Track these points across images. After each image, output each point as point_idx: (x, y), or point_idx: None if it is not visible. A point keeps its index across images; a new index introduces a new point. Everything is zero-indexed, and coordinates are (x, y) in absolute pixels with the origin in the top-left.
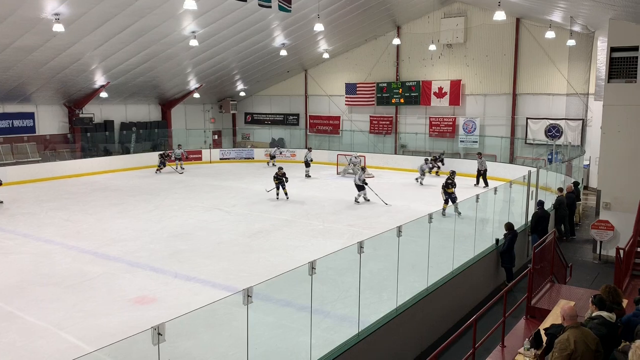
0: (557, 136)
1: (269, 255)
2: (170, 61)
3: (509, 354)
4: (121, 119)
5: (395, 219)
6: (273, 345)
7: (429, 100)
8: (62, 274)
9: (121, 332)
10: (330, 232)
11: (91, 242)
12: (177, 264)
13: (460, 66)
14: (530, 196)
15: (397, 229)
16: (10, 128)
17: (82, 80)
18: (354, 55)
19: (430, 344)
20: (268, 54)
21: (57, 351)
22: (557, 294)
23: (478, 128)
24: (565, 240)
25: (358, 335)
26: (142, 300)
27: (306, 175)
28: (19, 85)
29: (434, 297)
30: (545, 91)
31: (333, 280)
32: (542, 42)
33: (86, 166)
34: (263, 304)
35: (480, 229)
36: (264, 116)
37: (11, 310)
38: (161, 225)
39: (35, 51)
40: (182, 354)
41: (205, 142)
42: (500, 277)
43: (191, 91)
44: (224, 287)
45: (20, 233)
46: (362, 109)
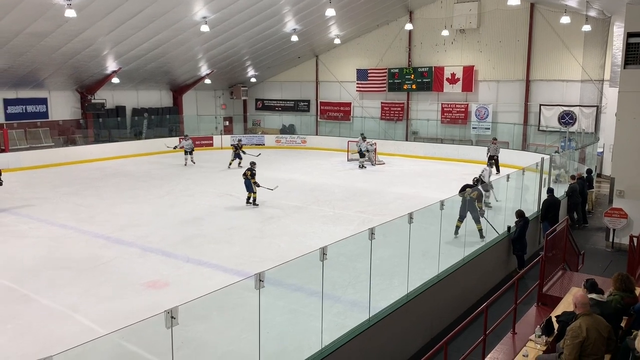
0: (571, 123)
1: (279, 241)
2: (181, 47)
3: (520, 341)
4: (133, 104)
5: (406, 206)
6: (284, 330)
7: (441, 87)
8: (76, 258)
9: (134, 315)
10: (341, 219)
11: (104, 227)
12: (189, 248)
13: (473, 52)
14: (542, 184)
15: (408, 215)
16: (24, 113)
17: (94, 66)
18: (366, 40)
19: (441, 330)
20: (279, 40)
21: (71, 334)
22: (569, 282)
23: (491, 115)
24: (578, 227)
25: (369, 321)
26: (154, 285)
27: (360, 166)
28: (32, 71)
29: (444, 284)
30: (559, 77)
31: (344, 266)
32: (556, 28)
33: (98, 151)
34: (274, 288)
35: (492, 216)
36: (275, 102)
37: (27, 293)
38: (173, 210)
39: (47, 37)
40: (194, 337)
41: (217, 128)
42: (512, 265)
43: (202, 77)
44: (236, 272)
45: (35, 217)
46: (374, 95)
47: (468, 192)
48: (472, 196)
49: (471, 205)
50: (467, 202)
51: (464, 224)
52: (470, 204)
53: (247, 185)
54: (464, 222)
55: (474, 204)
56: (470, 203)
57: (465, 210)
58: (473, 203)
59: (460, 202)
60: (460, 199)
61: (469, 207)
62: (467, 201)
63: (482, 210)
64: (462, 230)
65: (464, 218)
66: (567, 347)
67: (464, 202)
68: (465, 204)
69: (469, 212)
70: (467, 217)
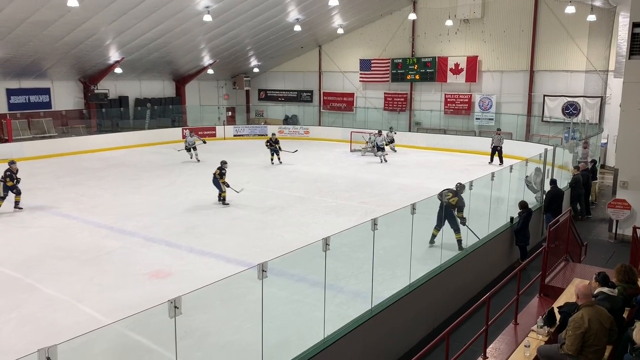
0: (575, 114)
1: (282, 232)
2: (184, 37)
3: (522, 332)
4: (136, 95)
5: (408, 197)
6: (287, 320)
7: (445, 77)
8: (79, 248)
9: (137, 305)
10: (343, 209)
11: (107, 217)
12: (192, 239)
13: (477, 42)
14: (546, 175)
15: (411, 206)
16: (27, 103)
17: (96, 56)
18: (369, 30)
19: (443, 320)
20: (282, 30)
21: (75, 323)
22: (571, 273)
23: (494, 105)
24: (581, 219)
25: (371, 311)
26: (157, 275)
27: (381, 160)
28: (34, 61)
29: (447, 275)
30: (563, 68)
31: (346, 256)
32: (561, 18)
33: (101, 142)
34: (277, 279)
35: (495, 207)
36: (278, 93)
37: (31, 282)
38: (176, 200)
39: (50, 26)
40: (197, 327)
41: (219, 118)
42: (514, 256)
43: (205, 67)
44: (238, 262)
45: (38, 207)
46: (377, 86)
47: (446, 196)
48: (450, 201)
49: (448, 213)
50: (444, 209)
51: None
52: (447, 211)
53: (216, 184)
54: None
55: (453, 212)
56: (447, 210)
57: (443, 218)
58: (451, 211)
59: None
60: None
61: (447, 214)
62: (444, 207)
63: (464, 218)
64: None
65: (442, 226)
66: (569, 338)
67: (441, 207)
68: (442, 210)
69: (446, 220)
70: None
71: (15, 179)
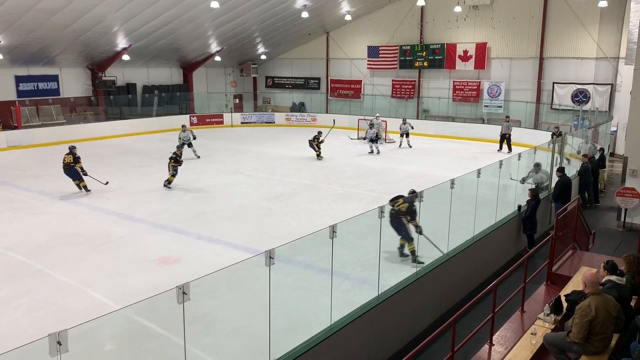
0: (585, 101)
1: (289, 219)
2: (191, 23)
3: (529, 319)
4: (143, 82)
5: (416, 185)
6: (294, 306)
7: (453, 64)
8: (88, 234)
9: (146, 290)
10: (350, 197)
11: (116, 204)
12: (200, 225)
13: (486, 29)
14: (554, 162)
15: (418, 194)
16: (35, 90)
17: (104, 43)
18: (377, 17)
19: (450, 307)
20: (289, 16)
21: (85, 308)
22: (579, 261)
23: (503, 92)
24: (589, 207)
25: (378, 298)
26: (166, 261)
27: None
28: (42, 48)
29: (454, 262)
30: (573, 55)
31: (353, 244)
32: (572, 4)
33: (109, 129)
34: (284, 265)
35: (502, 195)
36: (285, 80)
37: (41, 268)
38: (184, 187)
39: (57, 13)
40: (205, 312)
41: (227, 105)
42: (522, 244)
43: (212, 54)
44: (246, 249)
45: (48, 194)
46: (385, 73)
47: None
48: (400, 208)
49: (397, 222)
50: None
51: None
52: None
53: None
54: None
55: (401, 219)
56: (395, 218)
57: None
58: (399, 219)
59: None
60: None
61: (394, 223)
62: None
63: (418, 226)
64: (471, 208)
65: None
66: (576, 326)
67: (390, 214)
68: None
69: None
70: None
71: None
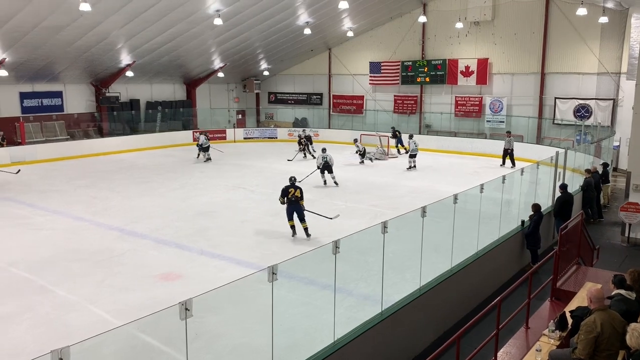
0: (587, 116)
1: (291, 234)
2: (194, 40)
3: (533, 336)
4: (147, 98)
5: (419, 200)
6: (297, 322)
7: (455, 79)
8: (91, 250)
9: (148, 307)
10: (353, 212)
11: (119, 219)
12: (202, 241)
13: (488, 44)
14: (557, 178)
15: (421, 209)
16: (40, 107)
17: (108, 59)
18: (379, 33)
19: (454, 324)
20: (292, 33)
21: (87, 324)
22: (583, 277)
23: (505, 108)
24: (593, 222)
25: (381, 314)
26: (168, 277)
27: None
28: (47, 65)
29: (457, 278)
30: (574, 70)
31: (356, 259)
32: (572, 20)
33: (113, 144)
34: (287, 281)
35: (505, 210)
36: (288, 96)
37: (44, 284)
38: (186, 203)
39: (62, 30)
40: (208, 329)
41: (230, 121)
42: (525, 259)
43: (215, 70)
44: (248, 265)
45: (51, 210)
46: (387, 89)
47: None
48: (296, 196)
49: (296, 206)
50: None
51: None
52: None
53: None
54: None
55: (299, 205)
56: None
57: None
58: (298, 205)
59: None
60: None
61: (295, 207)
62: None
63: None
64: (474, 223)
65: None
66: (581, 342)
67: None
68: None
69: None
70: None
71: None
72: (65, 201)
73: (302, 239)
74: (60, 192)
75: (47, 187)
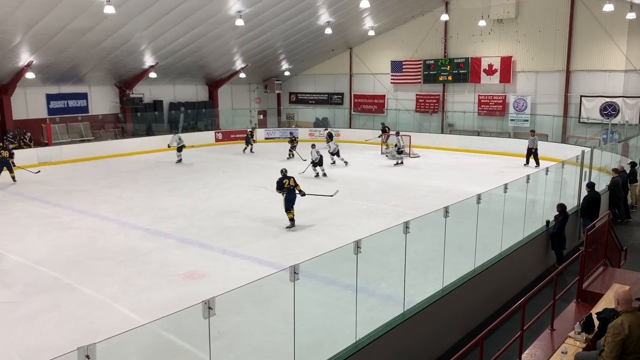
0: (613, 115)
1: (313, 234)
2: (216, 41)
3: (559, 338)
4: (170, 99)
5: (441, 200)
6: (318, 322)
7: (478, 78)
8: (115, 249)
9: (172, 305)
10: (375, 212)
11: (143, 219)
12: (225, 240)
13: (511, 42)
14: (583, 177)
15: (444, 209)
16: (65, 108)
17: (132, 61)
18: (400, 32)
19: (477, 325)
20: (313, 33)
21: (112, 322)
22: (610, 278)
23: (529, 106)
24: (620, 222)
25: (403, 315)
26: (191, 276)
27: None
28: (73, 67)
29: (481, 279)
30: (601, 67)
31: (377, 259)
32: (599, 16)
33: (136, 145)
34: (308, 281)
35: (530, 210)
36: (308, 96)
37: (70, 282)
38: (209, 203)
39: (87, 33)
40: (230, 328)
41: (251, 121)
42: (550, 260)
43: (237, 71)
44: (270, 264)
45: (77, 209)
46: (408, 87)
47: (287, 183)
48: (291, 184)
49: (294, 195)
50: (291, 193)
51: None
52: (292, 193)
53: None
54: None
55: (294, 192)
56: (291, 192)
57: (292, 199)
58: (293, 192)
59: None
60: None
61: (293, 196)
62: (289, 191)
63: (302, 191)
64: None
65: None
66: (609, 345)
67: (289, 192)
68: (289, 194)
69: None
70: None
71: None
72: (90, 201)
73: (324, 238)
74: (86, 192)
75: (72, 187)
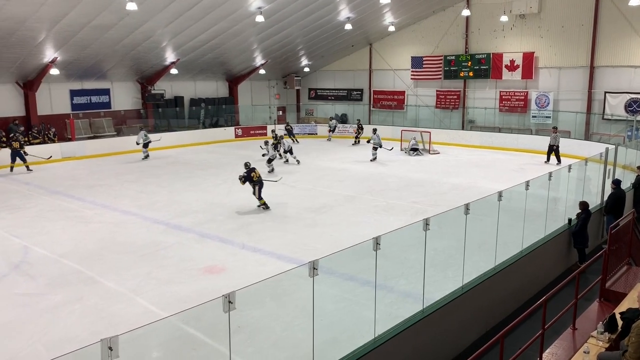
0: (639, 111)
1: (332, 230)
2: (237, 37)
3: (581, 337)
4: (190, 95)
5: (461, 197)
6: (337, 318)
7: (499, 74)
8: (137, 243)
9: (192, 299)
10: (394, 209)
11: (164, 213)
12: (245, 235)
13: (534, 38)
14: (607, 175)
15: (464, 206)
16: (88, 104)
17: (153, 57)
18: (421, 27)
19: (497, 323)
20: (333, 29)
21: (133, 315)
22: (634, 277)
23: (552, 103)
24: None
25: (422, 312)
26: (211, 270)
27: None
28: (96, 63)
29: (501, 277)
30: (626, 63)
31: (397, 256)
32: (624, 11)
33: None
34: (327, 277)
35: (552, 208)
36: (328, 92)
37: (93, 275)
38: (229, 198)
39: (110, 29)
40: (250, 322)
41: (270, 117)
42: (572, 258)
43: (257, 67)
44: (289, 260)
45: (99, 204)
46: (428, 83)
47: (256, 175)
48: (258, 175)
49: (262, 183)
50: (259, 182)
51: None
52: (261, 182)
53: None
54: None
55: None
56: (260, 182)
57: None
58: (262, 181)
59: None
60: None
61: (262, 185)
62: (259, 181)
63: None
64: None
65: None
66: (632, 345)
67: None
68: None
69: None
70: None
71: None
72: (112, 195)
73: (343, 234)
74: (108, 186)
75: (95, 182)
